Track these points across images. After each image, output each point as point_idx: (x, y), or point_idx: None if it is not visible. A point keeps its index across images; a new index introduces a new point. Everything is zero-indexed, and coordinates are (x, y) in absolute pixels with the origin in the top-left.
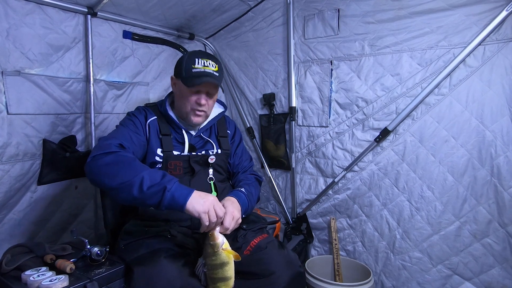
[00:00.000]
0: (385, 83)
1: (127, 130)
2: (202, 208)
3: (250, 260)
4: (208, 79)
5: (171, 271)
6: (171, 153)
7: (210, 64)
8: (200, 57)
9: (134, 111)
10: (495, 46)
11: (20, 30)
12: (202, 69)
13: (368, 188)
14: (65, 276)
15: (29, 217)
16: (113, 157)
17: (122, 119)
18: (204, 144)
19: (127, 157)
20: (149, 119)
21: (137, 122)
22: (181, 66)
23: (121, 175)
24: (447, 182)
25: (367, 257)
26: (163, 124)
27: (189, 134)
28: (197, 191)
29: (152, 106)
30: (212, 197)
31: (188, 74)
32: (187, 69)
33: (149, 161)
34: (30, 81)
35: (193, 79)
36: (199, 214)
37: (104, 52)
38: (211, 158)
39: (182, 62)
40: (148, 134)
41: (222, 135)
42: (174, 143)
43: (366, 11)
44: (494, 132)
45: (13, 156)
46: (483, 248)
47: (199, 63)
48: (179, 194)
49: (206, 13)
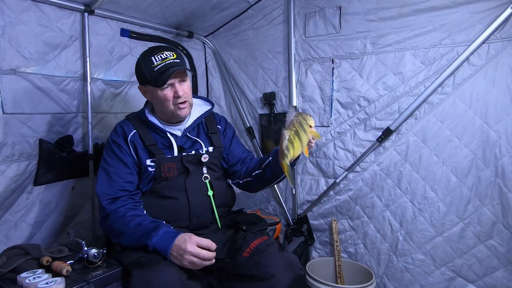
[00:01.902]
0: (388, 82)
1: (112, 168)
2: (182, 264)
3: (249, 263)
4: (174, 69)
5: (170, 274)
6: (163, 156)
7: (167, 56)
8: (155, 54)
9: (112, 135)
10: (499, 44)
11: (16, 28)
12: (163, 63)
13: (370, 189)
14: (61, 279)
15: (25, 218)
16: (107, 224)
17: (104, 149)
18: (193, 144)
19: (116, 221)
20: (129, 136)
21: (119, 149)
22: (141, 71)
23: (120, 240)
24: (451, 183)
25: (369, 259)
26: (146, 134)
27: (174, 136)
28: (175, 244)
29: (132, 117)
30: (189, 248)
31: (152, 75)
32: (149, 71)
33: (142, 172)
34: (26, 80)
35: (160, 77)
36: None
37: (101, 50)
38: (204, 157)
39: (140, 67)
40: (135, 150)
41: (213, 131)
42: (162, 148)
43: (368, 9)
44: (499, 132)
45: (9, 157)
46: (487, 250)
47: (157, 59)
48: (159, 249)
49: (205, 10)
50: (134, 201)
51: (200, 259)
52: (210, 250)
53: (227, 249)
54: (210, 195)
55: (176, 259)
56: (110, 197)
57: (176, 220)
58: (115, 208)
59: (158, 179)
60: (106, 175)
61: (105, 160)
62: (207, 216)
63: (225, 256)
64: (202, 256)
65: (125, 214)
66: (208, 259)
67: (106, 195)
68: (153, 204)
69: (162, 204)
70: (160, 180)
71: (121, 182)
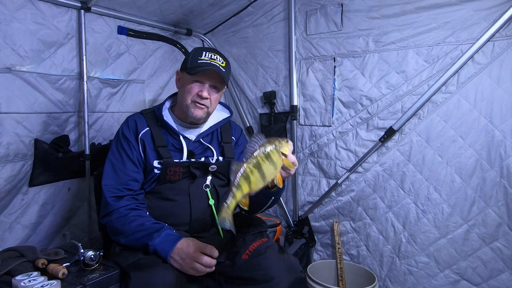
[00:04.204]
0: (390, 80)
1: (119, 163)
2: (182, 269)
3: (248, 265)
4: (213, 67)
5: (169, 276)
6: (171, 159)
7: (217, 58)
8: (208, 51)
9: (123, 128)
10: (504, 42)
11: (11, 26)
12: (209, 60)
13: (373, 190)
14: (57, 282)
15: (20, 220)
16: (108, 221)
17: (114, 140)
18: (204, 150)
19: (118, 219)
20: (140, 133)
21: (128, 145)
22: (187, 59)
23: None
24: (455, 184)
25: (371, 261)
26: (158, 134)
27: (187, 140)
28: (178, 248)
29: (147, 113)
30: (193, 254)
31: (193, 64)
32: (193, 60)
33: (148, 172)
34: (21, 79)
35: (197, 68)
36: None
37: (98, 48)
38: (211, 167)
39: (188, 55)
40: (143, 149)
41: (226, 141)
42: (171, 149)
43: (371, 6)
44: (504, 131)
45: (4, 157)
46: (492, 252)
47: (206, 55)
48: (160, 250)
49: (204, 7)
50: (137, 202)
51: (202, 265)
52: (212, 257)
53: (226, 251)
54: (211, 204)
55: (177, 263)
56: (115, 194)
57: (177, 223)
58: (119, 206)
59: (162, 180)
60: (112, 170)
61: (113, 154)
62: (208, 222)
63: (224, 258)
64: (205, 262)
65: (128, 213)
66: (210, 266)
67: (111, 191)
68: (154, 205)
69: (164, 205)
70: (164, 182)
71: (126, 180)
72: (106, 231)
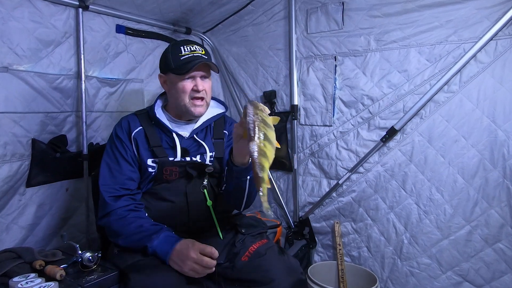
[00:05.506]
0: (392, 80)
1: (114, 164)
2: (182, 270)
3: (248, 267)
4: (200, 59)
5: (169, 278)
6: (166, 159)
7: (196, 49)
8: (185, 45)
9: (116, 128)
10: (507, 41)
11: (8, 24)
12: (191, 54)
13: (374, 191)
14: (55, 283)
15: (18, 221)
16: (107, 221)
17: (108, 141)
18: (198, 147)
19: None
20: (133, 132)
21: (121, 145)
22: (167, 59)
23: (118, 240)
24: (457, 184)
25: (373, 263)
26: (152, 133)
27: (180, 137)
28: (177, 249)
29: (141, 113)
30: (192, 255)
31: (177, 63)
32: (175, 59)
33: (142, 171)
34: (18, 78)
35: (185, 65)
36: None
37: (96, 47)
38: (208, 169)
39: (167, 55)
40: (136, 147)
41: (218, 137)
42: (165, 147)
43: (372, 4)
44: (507, 131)
45: (1, 157)
46: (495, 254)
47: (186, 50)
48: (159, 252)
49: (203, 6)
50: (136, 202)
51: (202, 266)
52: (213, 258)
53: (226, 253)
54: (209, 205)
55: (176, 265)
56: (112, 194)
57: (174, 223)
58: (117, 206)
59: (158, 180)
60: (108, 171)
61: (108, 155)
62: (206, 222)
63: (224, 260)
64: (205, 263)
65: (127, 214)
66: (210, 266)
67: (108, 191)
68: (151, 205)
69: (161, 206)
70: (161, 182)
71: (123, 179)
72: (104, 232)
